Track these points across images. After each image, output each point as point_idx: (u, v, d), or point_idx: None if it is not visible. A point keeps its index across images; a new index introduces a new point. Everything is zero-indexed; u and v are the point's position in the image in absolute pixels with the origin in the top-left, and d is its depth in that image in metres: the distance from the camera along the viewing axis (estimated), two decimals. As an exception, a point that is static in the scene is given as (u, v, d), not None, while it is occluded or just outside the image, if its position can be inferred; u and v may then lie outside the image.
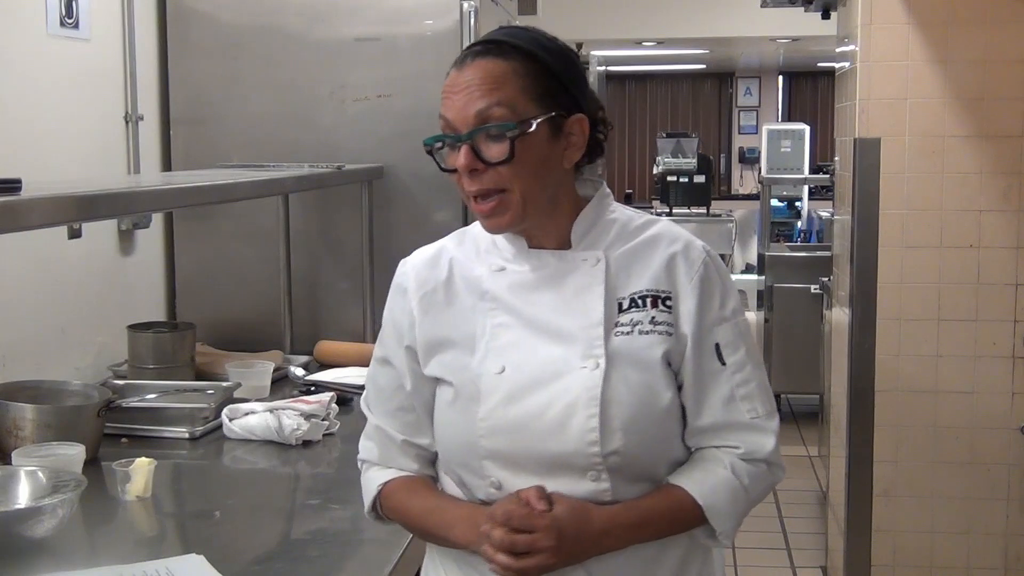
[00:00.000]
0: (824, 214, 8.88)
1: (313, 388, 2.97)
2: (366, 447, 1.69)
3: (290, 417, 2.57)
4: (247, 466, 2.51)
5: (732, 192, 13.34)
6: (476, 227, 1.64)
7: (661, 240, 1.59)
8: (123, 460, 2.21)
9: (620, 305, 1.55)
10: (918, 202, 3.68)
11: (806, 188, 10.31)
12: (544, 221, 1.57)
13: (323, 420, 2.63)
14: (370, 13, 3.44)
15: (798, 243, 9.29)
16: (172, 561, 1.83)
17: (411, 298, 1.62)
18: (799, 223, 10.38)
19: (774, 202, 9.60)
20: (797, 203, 10.46)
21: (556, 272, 1.56)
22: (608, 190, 1.64)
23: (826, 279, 4.70)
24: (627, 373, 1.52)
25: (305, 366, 3.25)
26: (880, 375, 3.75)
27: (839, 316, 4.09)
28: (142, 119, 3.34)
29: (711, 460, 1.57)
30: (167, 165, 3.53)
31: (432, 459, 1.65)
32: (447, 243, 1.67)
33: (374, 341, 3.65)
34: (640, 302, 1.54)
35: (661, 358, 1.53)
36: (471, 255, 1.63)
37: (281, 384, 3.07)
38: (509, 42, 1.52)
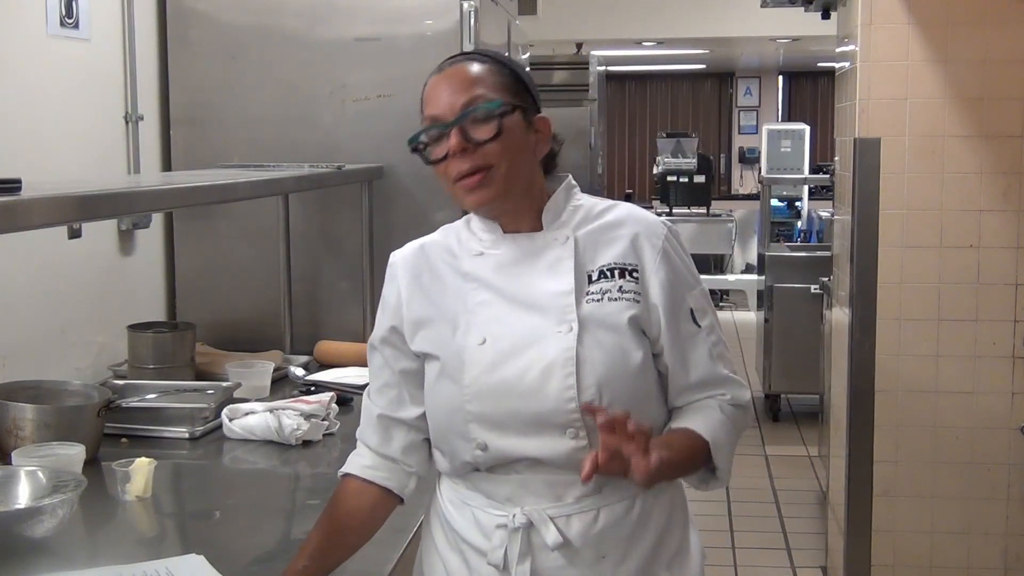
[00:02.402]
0: (824, 214, 8.89)
1: (313, 388, 2.97)
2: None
3: (290, 417, 2.58)
4: (247, 466, 2.51)
5: (732, 192, 13.35)
6: (458, 222, 1.80)
7: (625, 222, 1.72)
8: (123, 460, 2.21)
9: (590, 277, 1.68)
10: (918, 202, 3.68)
11: (806, 188, 10.31)
12: (519, 206, 1.71)
13: (323, 420, 2.63)
14: (370, 13, 3.44)
15: (798, 243, 9.28)
16: (172, 561, 1.83)
17: (400, 282, 1.76)
18: (799, 223, 10.38)
19: (774, 202, 9.60)
20: (797, 203, 10.46)
21: (530, 251, 1.71)
22: (574, 181, 1.78)
23: (826, 279, 4.70)
24: (599, 335, 1.65)
25: (305, 366, 3.25)
26: (880, 375, 3.75)
27: (839, 316, 4.09)
28: (142, 119, 3.34)
29: (705, 407, 1.72)
30: (167, 165, 3.52)
31: (404, 438, 1.78)
32: (433, 236, 1.82)
33: (374, 341, 3.63)
34: (608, 273, 1.68)
35: (628, 321, 1.66)
36: (453, 243, 1.77)
37: (281, 384, 3.07)
38: (479, 53, 1.72)
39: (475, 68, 1.66)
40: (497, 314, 1.68)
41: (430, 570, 1.80)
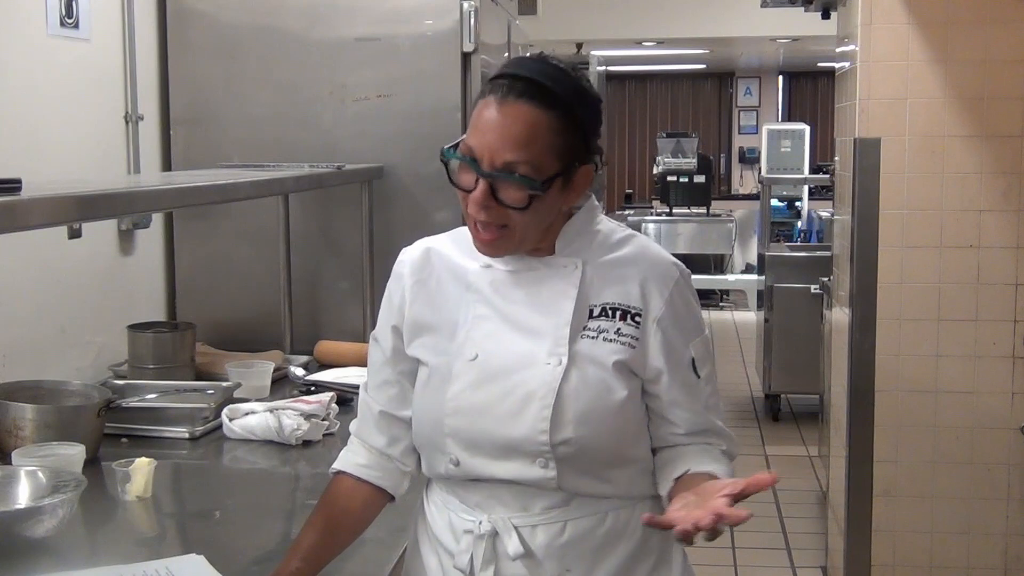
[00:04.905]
0: (824, 214, 8.88)
1: (313, 388, 2.97)
2: (355, 420, 1.85)
3: (290, 417, 2.58)
4: (247, 466, 2.51)
5: (732, 192, 13.35)
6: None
7: (638, 261, 1.69)
8: (123, 460, 2.21)
9: (591, 311, 1.66)
10: (918, 202, 3.68)
11: (806, 188, 10.32)
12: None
13: (323, 420, 2.63)
14: (370, 13, 3.43)
15: (798, 243, 9.29)
16: (172, 561, 1.83)
17: (406, 283, 1.76)
18: (799, 223, 10.39)
19: (774, 202, 9.60)
20: (797, 203, 10.47)
21: (537, 274, 1.69)
22: (596, 203, 1.74)
23: (826, 279, 4.70)
24: (586, 370, 1.64)
25: (305, 366, 3.25)
26: (880, 375, 3.75)
27: (839, 316, 4.09)
28: (142, 119, 3.33)
29: (709, 452, 1.70)
30: (167, 165, 3.52)
31: (406, 438, 1.78)
32: (444, 238, 1.80)
33: (374, 341, 3.63)
34: (610, 312, 1.66)
35: (614, 364, 1.64)
36: (465, 250, 1.73)
37: (281, 384, 3.07)
38: (552, 89, 1.57)
39: (536, 118, 1.54)
40: (493, 331, 1.67)
41: (413, 570, 1.81)
